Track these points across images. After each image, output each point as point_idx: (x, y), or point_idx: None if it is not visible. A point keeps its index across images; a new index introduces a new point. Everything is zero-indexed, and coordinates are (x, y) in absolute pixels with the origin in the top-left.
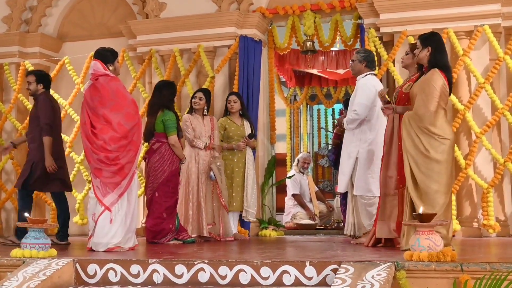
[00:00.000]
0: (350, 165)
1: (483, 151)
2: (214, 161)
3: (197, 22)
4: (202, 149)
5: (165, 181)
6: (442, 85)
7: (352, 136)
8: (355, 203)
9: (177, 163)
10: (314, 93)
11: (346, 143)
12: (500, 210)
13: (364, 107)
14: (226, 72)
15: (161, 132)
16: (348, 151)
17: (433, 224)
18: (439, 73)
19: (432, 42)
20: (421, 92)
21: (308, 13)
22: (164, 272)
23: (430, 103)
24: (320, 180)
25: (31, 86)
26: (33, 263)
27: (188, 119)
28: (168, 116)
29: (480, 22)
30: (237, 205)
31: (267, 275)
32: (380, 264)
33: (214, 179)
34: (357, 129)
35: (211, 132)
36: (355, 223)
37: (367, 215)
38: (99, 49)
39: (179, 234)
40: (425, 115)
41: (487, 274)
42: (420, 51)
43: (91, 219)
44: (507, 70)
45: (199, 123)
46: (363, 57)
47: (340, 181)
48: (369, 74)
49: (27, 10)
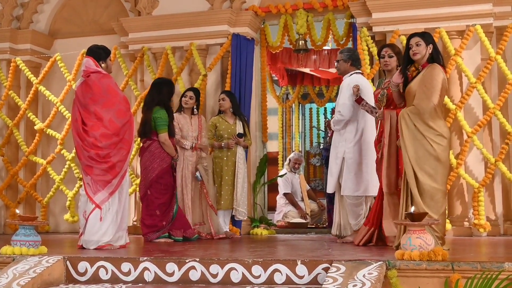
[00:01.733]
0: (337, 165)
1: (474, 151)
2: (201, 161)
3: (190, 20)
4: (188, 149)
5: (156, 178)
6: (443, 79)
7: (339, 136)
8: (342, 203)
9: (168, 160)
10: (306, 92)
11: (334, 144)
12: (491, 210)
13: (348, 108)
14: (219, 70)
15: (152, 129)
16: (335, 152)
17: (424, 223)
18: (440, 68)
19: (432, 39)
20: (423, 86)
21: (300, 12)
22: (155, 270)
23: (432, 95)
24: (312, 179)
25: None
26: (23, 261)
27: (175, 118)
28: (158, 113)
29: (471, 22)
30: (225, 204)
31: (259, 274)
32: (371, 263)
33: (200, 179)
34: (343, 129)
35: (198, 132)
36: (341, 223)
37: (353, 215)
38: (91, 46)
39: (173, 230)
40: (427, 108)
41: (478, 273)
42: (421, 48)
43: (82, 217)
44: (498, 70)
45: (187, 123)
46: (348, 56)
47: (328, 182)
48: (354, 73)
49: (18, 7)
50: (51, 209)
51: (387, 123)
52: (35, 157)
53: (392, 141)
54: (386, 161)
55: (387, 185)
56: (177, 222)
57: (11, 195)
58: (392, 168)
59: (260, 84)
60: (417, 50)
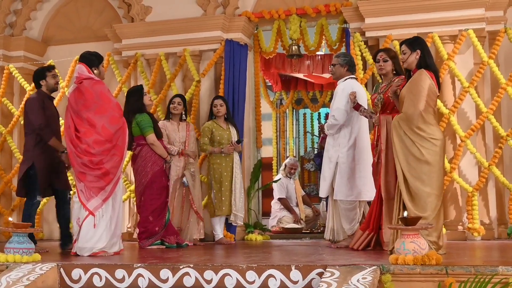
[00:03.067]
0: (330, 169)
1: (467, 155)
2: (188, 166)
3: (183, 26)
4: (175, 155)
5: (149, 183)
6: (429, 84)
7: (333, 141)
8: (335, 208)
9: (160, 163)
10: (300, 97)
11: (328, 148)
12: (485, 214)
13: (342, 113)
14: (212, 76)
15: (138, 135)
16: (328, 156)
17: (417, 227)
18: (426, 73)
19: (420, 45)
20: (409, 92)
21: (293, 17)
22: (149, 277)
23: (418, 102)
24: (306, 184)
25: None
26: (16, 268)
27: (163, 126)
28: (140, 117)
29: (464, 27)
30: (226, 210)
31: (253, 279)
32: (365, 268)
33: (187, 185)
34: (337, 134)
35: (186, 138)
36: (334, 228)
37: (347, 220)
38: (84, 53)
39: (167, 237)
40: (414, 115)
41: (472, 277)
42: (408, 56)
43: (76, 224)
44: (491, 74)
45: (174, 130)
46: (345, 61)
47: (321, 186)
48: (349, 78)
49: (11, 14)
50: (45, 216)
51: (383, 128)
52: None
53: (389, 147)
54: (384, 167)
55: (386, 191)
56: (170, 227)
57: (5, 203)
58: (391, 174)
59: (253, 90)
60: (402, 58)
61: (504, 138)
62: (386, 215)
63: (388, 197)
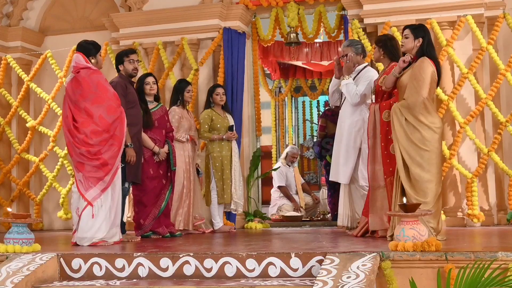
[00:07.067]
0: (354, 155)
1: (467, 141)
2: (198, 157)
3: (180, 15)
4: (185, 142)
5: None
6: (432, 72)
7: (353, 110)
8: (351, 194)
9: (145, 154)
10: (299, 85)
11: (345, 116)
12: (484, 200)
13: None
14: (210, 65)
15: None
16: (352, 142)
17: (417, 214)
18: (429, 61)
19: (424, 33)
20: (412, 79)
21: (291, 5)
22: (149, 266)
23: (422, 89)
24: (306, 172)
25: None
26: (16, 258)
27: (179, 113)
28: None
29: (463, 12)
30: (227, 197)
31: (253, 267)
32: (365, 255)
33: (201, 175)
34: (362, 104)
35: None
36: (350, 214)
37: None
38: (81, 42)
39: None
40: (417, 102)
41: (471, 263)
42: (409, 41)
43: (75, 214)
44: (490, 60)
45: (187, 118)
46: (360, 49)
47: (342, 172)
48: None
49: (8, 4)
50: (45, 206)
51: (372, 116)
52: (27, 155)
53: (376, 135)
54: (370, 156)
55: (373, 179)
56: (162, 219)
57: (4, 193)
58: (378, 162)
59: (252, 78)
60: (403, 42)
61: (503, 124)
62: (371, 204)
63: (375, 185)
